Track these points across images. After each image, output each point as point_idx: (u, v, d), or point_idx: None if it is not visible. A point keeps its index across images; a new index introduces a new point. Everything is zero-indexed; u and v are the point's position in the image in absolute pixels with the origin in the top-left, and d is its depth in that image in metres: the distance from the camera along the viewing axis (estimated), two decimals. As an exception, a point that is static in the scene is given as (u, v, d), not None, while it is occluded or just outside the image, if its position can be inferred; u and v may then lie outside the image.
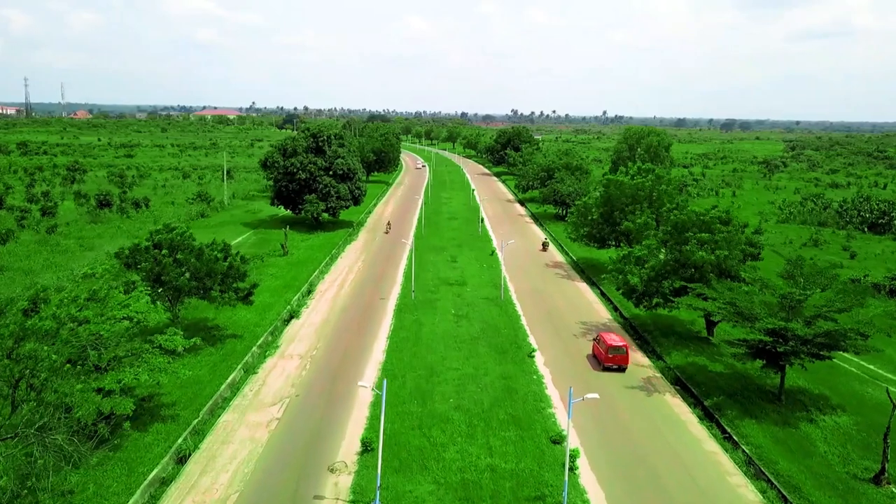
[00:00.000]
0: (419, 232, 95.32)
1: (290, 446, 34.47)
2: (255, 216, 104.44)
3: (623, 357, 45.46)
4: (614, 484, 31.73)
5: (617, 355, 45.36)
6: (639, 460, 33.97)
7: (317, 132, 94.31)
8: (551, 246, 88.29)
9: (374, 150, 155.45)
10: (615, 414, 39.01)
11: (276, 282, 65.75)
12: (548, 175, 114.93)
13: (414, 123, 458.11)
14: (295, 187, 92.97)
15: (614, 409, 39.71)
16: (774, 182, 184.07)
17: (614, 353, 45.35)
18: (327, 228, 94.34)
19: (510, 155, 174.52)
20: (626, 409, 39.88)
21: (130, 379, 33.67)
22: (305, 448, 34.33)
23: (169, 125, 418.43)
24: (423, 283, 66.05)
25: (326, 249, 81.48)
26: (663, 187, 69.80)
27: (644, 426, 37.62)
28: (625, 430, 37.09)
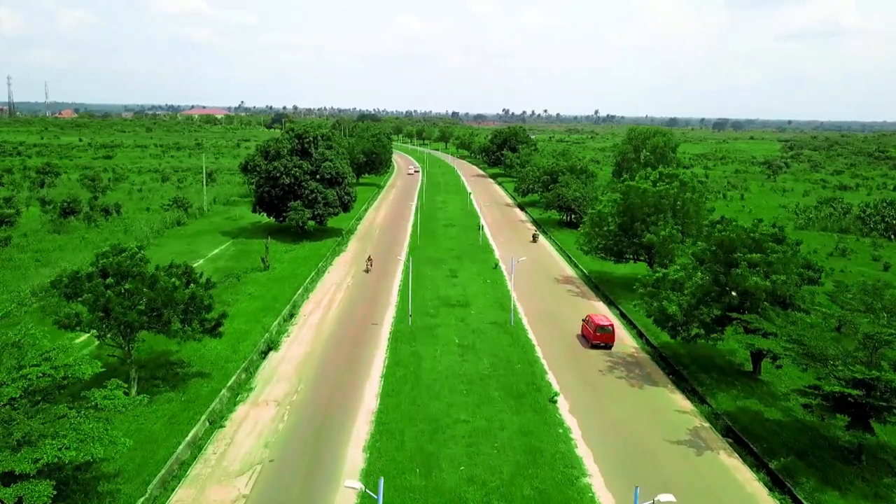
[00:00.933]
0: (414, 241, 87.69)
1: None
2: (236, 223, 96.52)
3: (609, 336, 49.36)
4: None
5: (604, 334, 49.31)
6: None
7: (302, 133, 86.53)
8: (562, 260, 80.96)
9: (365, 151, 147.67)
10: (665, 479, 31.53)
11: (253, 303, 57.99)
12: (551, 179, 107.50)
13: (405, 123, 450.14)
14: (278, 193, 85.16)
15: (664, 473, 32.23)
16: (780, 184, 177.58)
17: (602, 332, 49.28)
18: (314, 237, 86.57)
19: (507, 156, 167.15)
20: (679, 473, 32.42)
21: (51, 456, 25.92)
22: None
23: (155, 125, 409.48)
24: (421, 304, 58.48)
25: (312, 262, 73.79)
26: (688, 195, 62.47)
27: (705, 501, 30.17)
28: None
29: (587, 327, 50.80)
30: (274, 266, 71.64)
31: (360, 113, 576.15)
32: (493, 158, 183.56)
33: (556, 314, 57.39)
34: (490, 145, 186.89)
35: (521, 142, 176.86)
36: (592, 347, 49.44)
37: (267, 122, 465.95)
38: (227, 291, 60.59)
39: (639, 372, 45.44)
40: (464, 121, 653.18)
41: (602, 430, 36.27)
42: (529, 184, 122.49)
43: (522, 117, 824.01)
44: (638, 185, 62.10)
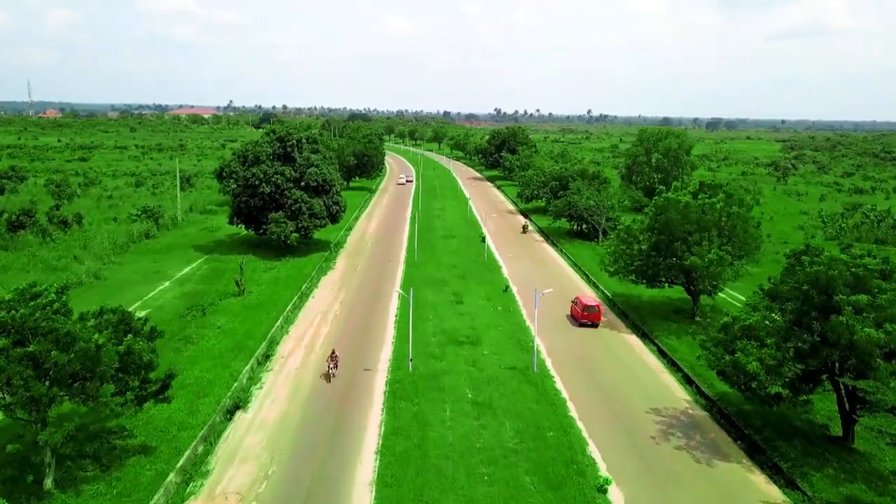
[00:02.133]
0: (411, 256, 78.11)
1: None
2: (213, 236, 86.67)
3: (596, 315, 53.82)
4: None
5: (591, 313, 53.77)
6: None
7: (284, 135, 76.84)
8: (578, 279, 71.78)
9: (356, 153, 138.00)
10: None
11: (222, 340, 48.38)
12: (560, 185, 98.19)
13: (396, 123, 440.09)
14: (257, 203, 75.46)
15: None
16: (791, 187, 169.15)
17: (588, 312, 53.86)
18: (298, 252, 76.89)
19: (506, 158, 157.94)
20: None
21: None
22: None
23: (139, 124, 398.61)
24: (423, 340, 49.03)
25: (295, 283, 64.26)
26: (735, 209, 53.25)
27: None
28: None
29: (575, 308, 55.67)
30: (250, 289, 62.02)
31: (350, 113, 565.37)
32: (491, 161, 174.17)
33: (585, 355, 47.96)
34: (487, 147, 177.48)
35: (520, 143, 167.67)
36: (580, 326, 54.24)
37: (255, 121, 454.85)
38: (192, 324, 51.17)
39: (701, 439, 36.14)
40: (455, 120, 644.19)
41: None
42: (533, 189, 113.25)
43: (515, 117, 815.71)
44: (678, 199, 52.77)
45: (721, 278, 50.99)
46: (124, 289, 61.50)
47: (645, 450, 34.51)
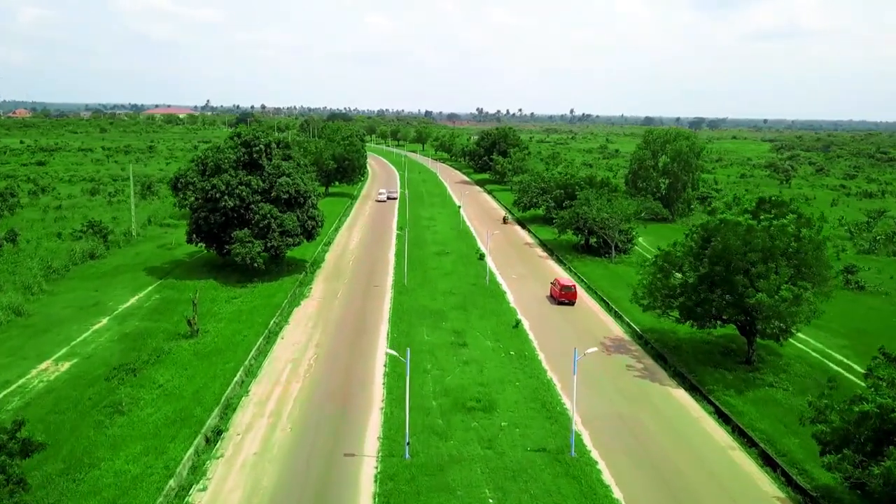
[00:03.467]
0: (399, 279, 67.25)
1: None
2: (170, 255, 75.23)
3: (572, 294, 60.73)
4: None
5: (567, 293, 60.60)
6: None
7: (250, 139, 65.67)
8: (596, 305, 61.44)
9: (336, 156, 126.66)
10: None
11: (162, 407, 37.45)
12: (565, 194, 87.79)
13: (378, 122, 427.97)
14: (219, 219, 64.28)
15: None
16: (796, 190, 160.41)
17: (565, 291, 60.62)
18: (268, 275, 65.80)
19: (497, 162, 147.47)
20: None
21: None
22: None
23: (111, 125, 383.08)
24: (422, 405, 38.33)
25: (262, 317, 53.38)
26: (805, 232, 43.06)
27: None
28: None
29: (554, 288, 62.40)
30: (207, 327, 51.00)
31: (330, 112, 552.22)
32: (481, 164, 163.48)
33: (629, 423, 37.43)
34: (477, 149, 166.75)
35: (511, 145, 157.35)
36: (558, 304, 60.67)
37: (231, 121, 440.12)
38: (121, 388, 39.99)
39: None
40: (437, 120, 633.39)
41: None
42: (532, 197, 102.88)
43: (497, 117, 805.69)
44: (738, 221, 42.47)
45: (795, 320, 40.68)
46: (49, 329, 50.20)
47: None
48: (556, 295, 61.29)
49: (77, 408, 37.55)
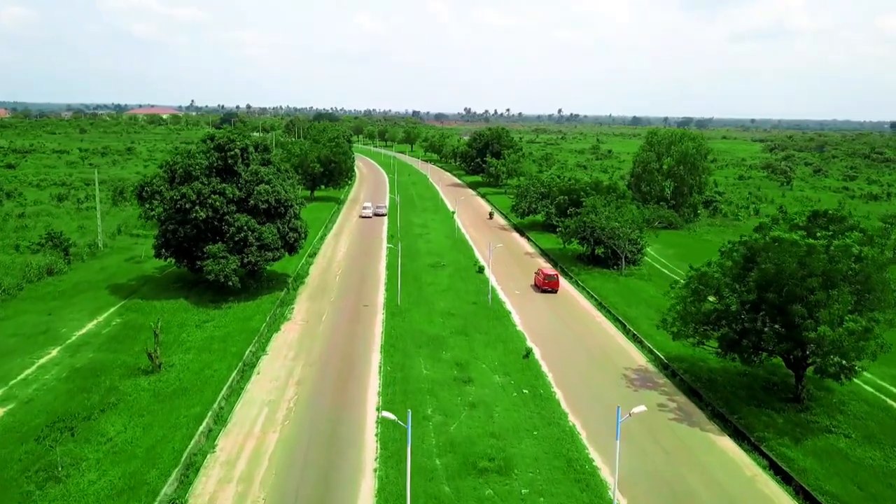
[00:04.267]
0: (392, 297, 60.67)
1: None
2: (138, 270, 68.28)
3: (555, 282, 65.33)
4: None
5: (550, 281, 65.08)
6: None
7: (224, 143, 58.90)
8: (611, 327, 55.19)
9: (321, 159, 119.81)
10: None
11: (109, 471, 30.88)
12: (570, 200, 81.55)
13: (365, 123, 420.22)
14: (189, 232, 57.50)
15: None
16: (798, 192, 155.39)
17: (548, 280, 65.03)
18: (245, 294, 59.15)
19: (491, 164, 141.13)
20: None
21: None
22: None
23: (92, 125, 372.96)
24: (424, 465, 31.84)
25: (237, 345, 46.82)
26: (867, 251, 36.90)
27: None
28: None
29: (538, 277, 66.36)
30: (172, 359, 44.36)
31: (316, 112, 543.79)
32: (473, 166, 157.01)
33: (680, 492, 31.02)
34: (469, 150, 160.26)
35: (504, 146, 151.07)
36: (542, 292, 64.61)
37: (215, 121, 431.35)
38: (61, 446, 33.21)
39: None
40: (424, 120, 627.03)
41: None
42: (531, 202, 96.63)
43: (485, 116, 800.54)
44: (795, 240, 36.25)
45: (861, 356, 34.53)
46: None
47: None
48: (540, 283, 65.80)
49: (2, 473, 30.80)
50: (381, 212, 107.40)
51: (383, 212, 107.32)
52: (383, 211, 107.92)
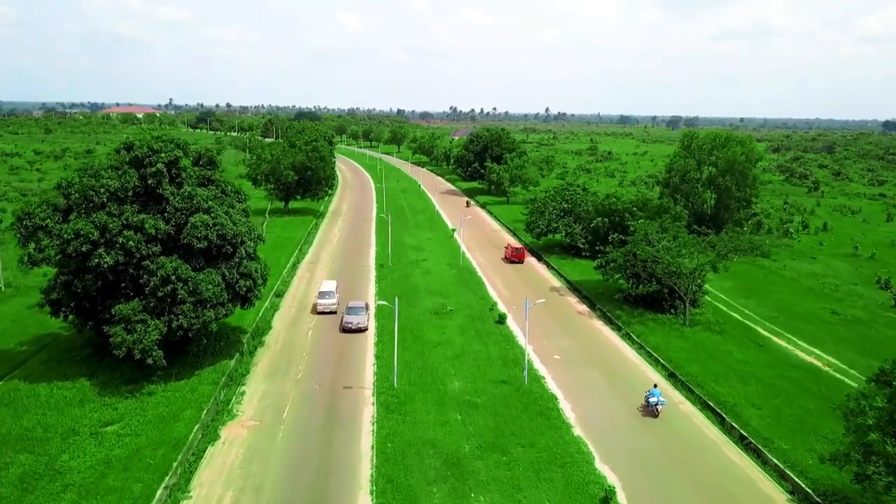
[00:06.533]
0: (384, 376, 43.06)
1: None
2: (40, 323, 50.14)
3: (521, 254, 74.88)
4: None
5: (517, 253, 74.52)
6: None
7: (143, 155, 41.14)
8: (730, 447, 37.90)
9: (296, 166, 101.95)
10: None
11: None
12: (610, 224, 64.44)
13: (349, 122, 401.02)
14: (91, 284, 39.72)
15: None
16: (830, 200, 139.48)
17: (515, 252, 74.60)
18: (178, 366, 41.58)
19: (492, 170, 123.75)
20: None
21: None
22: None
23: (59, 125, 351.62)
24: None
25: (143, 478, 29.32)
26: None
27: None
28: None
29: (507, 251, 76.88)
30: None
31: (298, 111, 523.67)
32: (471, 171, 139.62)
33: None
34: (465, 153, 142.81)
35: (505, 149, 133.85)
36: (509, 263, 74.82)
37: (191, 120, 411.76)
38: None
39: None
40: (410, 119, 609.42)
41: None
42: (549, 220, 79.44)
43: (471, 115, 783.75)
44: None
45: None
46: None
47: None
48: (509, 255, 75.47)
49: None
50: (355, 323, 51.26)
51: (362, 324, 51.41)
52: (362, 323, 51.51)
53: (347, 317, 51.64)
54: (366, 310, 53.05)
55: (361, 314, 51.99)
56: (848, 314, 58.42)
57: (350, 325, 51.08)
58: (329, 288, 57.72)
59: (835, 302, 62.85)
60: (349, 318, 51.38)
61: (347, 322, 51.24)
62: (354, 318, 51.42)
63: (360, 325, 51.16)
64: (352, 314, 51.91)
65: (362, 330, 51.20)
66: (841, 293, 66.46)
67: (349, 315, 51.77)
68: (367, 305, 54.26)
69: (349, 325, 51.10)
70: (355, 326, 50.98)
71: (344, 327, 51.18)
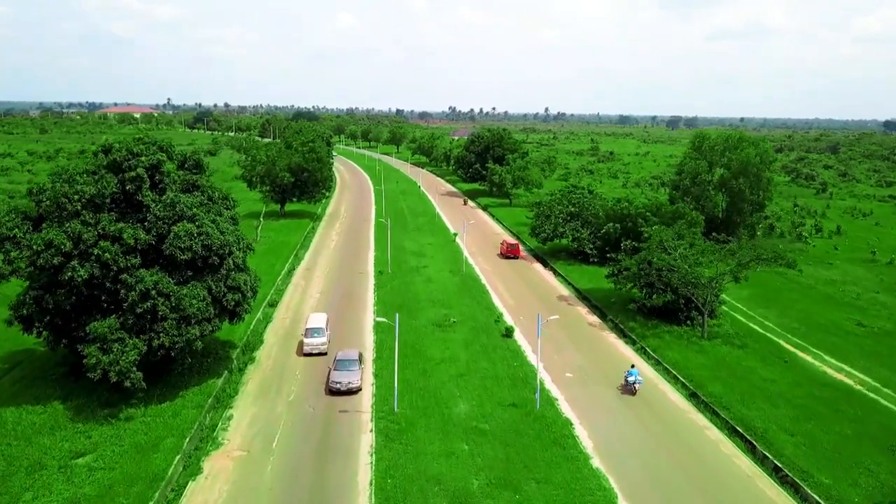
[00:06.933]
0: (383, 398, 39.82)
1: None
2: (16, 338, 46.80)
3: (516, 250, 77.08)
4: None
5: (512, 249, 76.74)
6: None
7: (123, 157, 37.96)
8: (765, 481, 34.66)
9: (293, 167, 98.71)
10: None
11: None
12: (622, 229, 61.27)
13: (347, 122, 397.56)
14: (63, 299, 36.48)
15: None
16: (839, 202, 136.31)
17: (510, 248, 76.74)
18: (160, 386, 38.40)
19: (494, 171, 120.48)
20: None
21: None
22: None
23: (56, 125, 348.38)
24: None
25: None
26: None
27: None
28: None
29: (502, 246, 78.60)
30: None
31: (296, 111, 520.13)
32: (472, 172, 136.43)
33: None
34: (466, 154, 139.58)
35: (508, 150, 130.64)
36: (504, 258, 76.66)
37: (189, 120, 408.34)
38: None
39: None
40: (409, 119, 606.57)
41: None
42: (555, 225, 76.26)
43: (471, 115, 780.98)
44: None
45: None
46: None
47: None
48: (504, 251, 77.40)
49: None
50: (345, 384, 40.27)
51: (354, 384, 40.30)
52: (354, 382, 40.35)
53: (336, 374, 40.29)
54: (359, 363, 41.62)
55: (353, 370, 40.61)
56: (875, 326, 55.19)
57: (338, 387, 39.62)
58: (318, 323, 47.56)
59: (858, 312, 59.64)
60: (338, 377, 40.03)
61: (335, 382, 39.83)
62: (344, 376, 40.09)
63: (352, 386, 39.77)
64: (342, 370, 40.50)
65: (353, 392, 39.96)
66: (863, 302, 63.25)
67: (338, 372, 40.40)
68: (360, 357, 42.65)
69: (337, 385, 39.71)
70: (345, 388, 39.62)
71: (331, 388, 39.83)
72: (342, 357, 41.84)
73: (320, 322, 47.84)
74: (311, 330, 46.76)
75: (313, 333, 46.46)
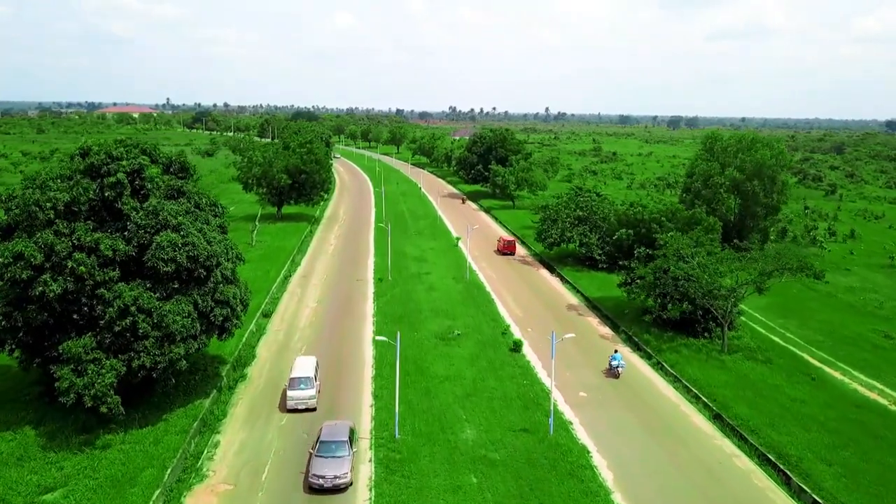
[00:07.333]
0: (383, 422, 36.81)
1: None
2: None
3: (512, 246, 78.75)
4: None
5: (508, 246, 78.25)
6: None
7: (102, 161, 35.04)
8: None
9: (290, 169, 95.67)
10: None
11: None
12: (636, 237, 58.29)
13: (347, 122, 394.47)
14: (34, 316, 33.48)
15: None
16: (849, 204, 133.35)
17: (507, 245, 78.25)
18: (142, 408, 35.39)
19: (497, 172, 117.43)
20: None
21: None
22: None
23: (52, 125, 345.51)
24: None
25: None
26: None
27: None
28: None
29: (499, 244, 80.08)
30: None
31: (295, 110, 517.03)
32: (474, 174, 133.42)
33: None
34: (468, 155, 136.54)
35: (511, 151, 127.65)
36: (501, 255, 78.04)
37: (187, 120, 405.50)
38: None
39: None
40: (409, 119, 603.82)
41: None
42: (563, 229, 73.26)
43: (471, 115, 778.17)
44: None
45: None
46: None
47: None
48: (501, 248, 78.71)
49: None
50: (330, 477, 29.78)
51: (341, 478, 29.86)
52: (342, 476, 29.92)
53: (318, 461, 30.22)
54: (349, 445, 31.41)
55: (342, 455, 30.58)
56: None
57: (321, 483, 29.46)
58: (304, 371, 38.61)
59: (883, 322, 56.64)
60: (320, 467, 29.85)
61: (316, 476, 29.64)
62: (329, 467, 29.83)
63: (338, 482, 29.51)
64: (326, 455, 30.43)
65: (340, 489, 29.72)
66: (886, 311, 60.27)
67: (321, 458, 30.34)
68: (351, 434, 32.62)
69: (318, 481, 29.52)
70: (331, 484, 29.43)
71: (311, 484, 29.69)
72: (328, 435, 31.75)
73: (307, 370, 38.90)
74: (297, 380, 37.89)
75: (299, 384, 37.61)
